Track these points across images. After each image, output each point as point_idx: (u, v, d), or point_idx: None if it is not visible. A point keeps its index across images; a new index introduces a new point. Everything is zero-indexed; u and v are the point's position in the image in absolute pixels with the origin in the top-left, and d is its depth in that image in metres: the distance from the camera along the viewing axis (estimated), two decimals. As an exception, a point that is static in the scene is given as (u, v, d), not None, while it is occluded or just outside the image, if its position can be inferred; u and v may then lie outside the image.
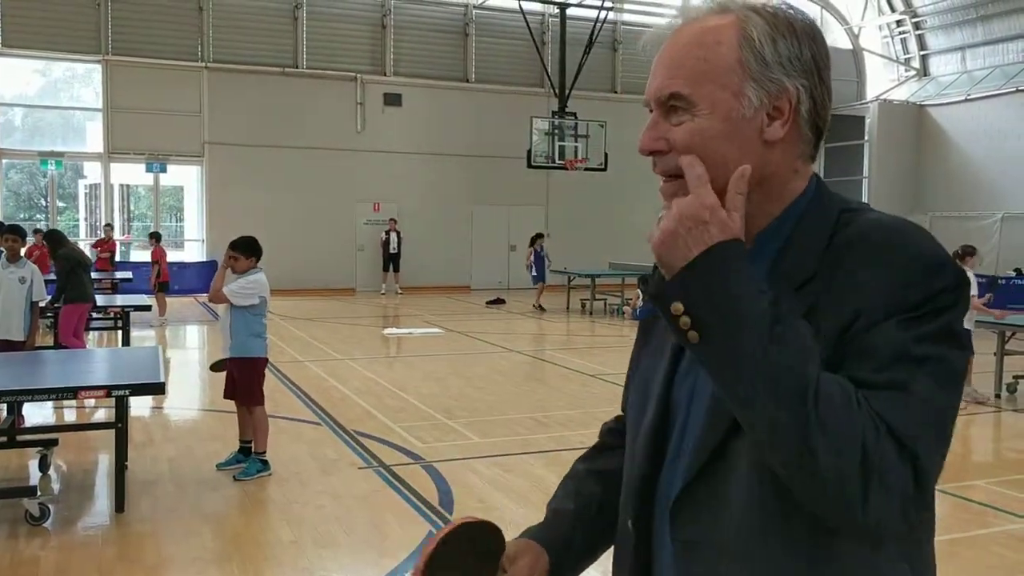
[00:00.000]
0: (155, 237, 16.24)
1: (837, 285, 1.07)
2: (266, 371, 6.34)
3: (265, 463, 6.08)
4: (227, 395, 6.25)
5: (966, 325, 7.26)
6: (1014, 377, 9.62)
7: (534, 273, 18.18)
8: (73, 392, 5.03)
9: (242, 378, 6.09)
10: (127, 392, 5.01)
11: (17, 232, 7.54)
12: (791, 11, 1.15)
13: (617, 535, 1.32)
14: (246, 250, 6.10)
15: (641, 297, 17.83)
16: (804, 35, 1.14)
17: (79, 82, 21.40)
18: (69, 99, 21.46)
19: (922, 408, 1.01)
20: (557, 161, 20.17)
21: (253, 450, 6.14)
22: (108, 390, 4.97)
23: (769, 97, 1.11)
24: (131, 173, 21.10)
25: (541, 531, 1.39)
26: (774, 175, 1.15)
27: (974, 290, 8.63)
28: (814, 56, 1.14)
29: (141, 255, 18.23)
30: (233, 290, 6.00)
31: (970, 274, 8.83)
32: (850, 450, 0.97)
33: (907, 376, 1.01)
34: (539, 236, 18.56)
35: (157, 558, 4.66)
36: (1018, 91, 22.67)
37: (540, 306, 17.76)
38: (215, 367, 6.53)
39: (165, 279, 15.66)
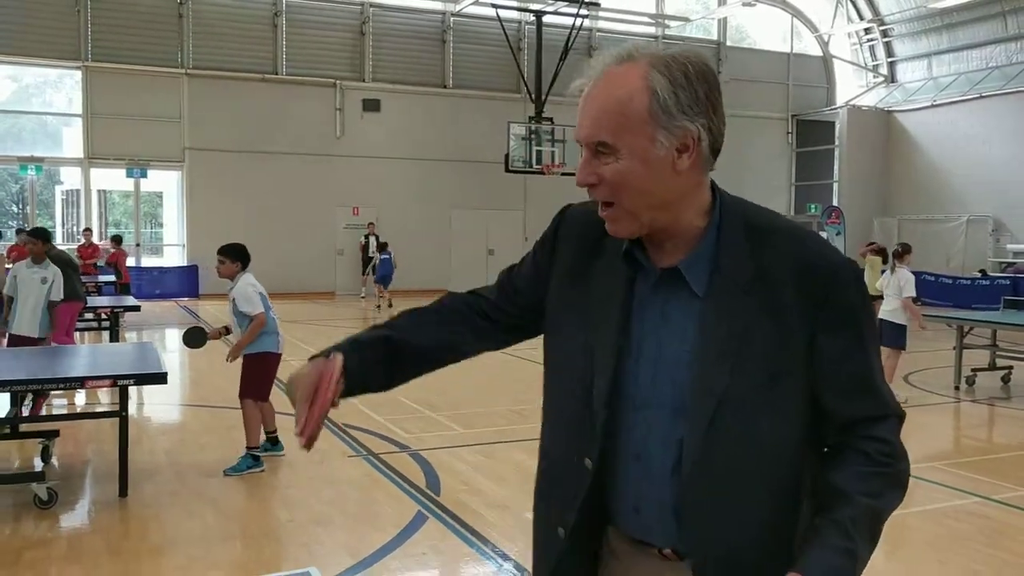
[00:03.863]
0: (116, 240, 16.38)
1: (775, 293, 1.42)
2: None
3: (256, 459, 6.12)
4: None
5: (901, 321, 7.65)
6: (972, 370, 10.05)
7: None
8: (80, 382, 5.28)
9: (246, 371, 6.22)
10: (131, 381, 5.28)
11: (39, 235, 7.88)
12: (684, 58, 1.38)
13: (556, 467, 1.59)
14: (230, 254, 6.26)
15: None
16: (697, 80, 1.37)
17: (52, 87, 21.45)
18: (42, 104, 21.53)
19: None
20: (535, 166, 20.49)
21: (247, 445, 6.21)
22: (114, 380, 5.23)
23: (676, 138, 1.37)
24: (110, 179, 21.16)
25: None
26: (684, 194, 1.43)
27: (911, 291, 8.94)
28: (707, 95, 1.38)
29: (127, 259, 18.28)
30: (244, 307, 6.06)
31: (907, 271, 9.12)
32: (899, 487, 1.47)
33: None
34: None
35: (163, 538, 4.93)
36: (981, 97, 23.33)
37: None
38: (189, 338, 6.36)
39: (126, 281, 15.79)
